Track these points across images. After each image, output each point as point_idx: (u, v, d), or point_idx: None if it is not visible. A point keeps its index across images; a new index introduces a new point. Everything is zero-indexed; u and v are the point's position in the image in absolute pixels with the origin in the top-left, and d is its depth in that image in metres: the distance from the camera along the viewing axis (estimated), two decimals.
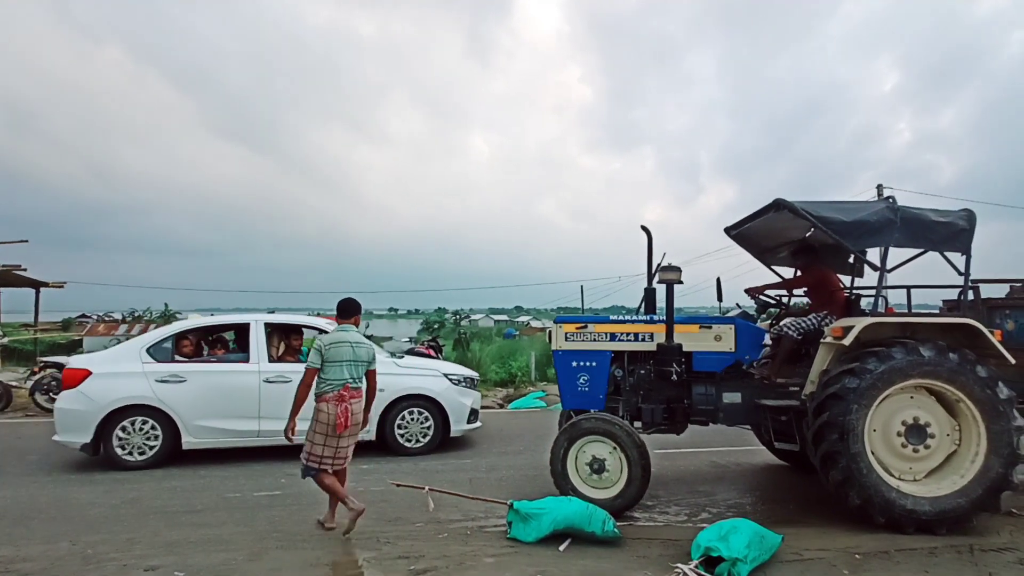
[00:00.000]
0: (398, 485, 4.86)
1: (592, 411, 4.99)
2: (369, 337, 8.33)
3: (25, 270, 14.01)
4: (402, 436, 6.99)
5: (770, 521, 4.43)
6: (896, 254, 4.95)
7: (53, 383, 10.33)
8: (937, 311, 6.52)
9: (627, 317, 5.44)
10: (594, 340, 5.24)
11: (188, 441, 6.39)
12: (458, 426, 7.21)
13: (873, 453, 4.41)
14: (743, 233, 5.86)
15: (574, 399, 5.23)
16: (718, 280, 5.78)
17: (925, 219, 4.78)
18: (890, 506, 4.29)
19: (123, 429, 6.26)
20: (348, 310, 4.58)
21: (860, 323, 4.53)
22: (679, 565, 3.67)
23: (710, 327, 5.20)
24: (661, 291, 5.40)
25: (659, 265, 5.31)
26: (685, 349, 5.12)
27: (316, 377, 4.31)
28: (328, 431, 4.26)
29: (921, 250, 5.09)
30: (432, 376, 7.28)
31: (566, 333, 5.27)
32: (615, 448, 4.65)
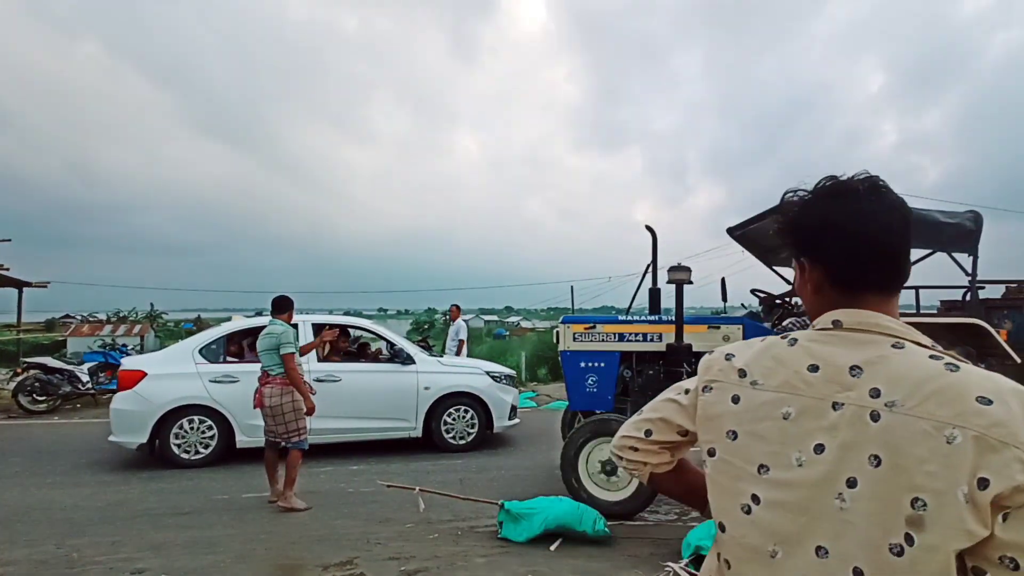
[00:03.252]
0: (388, 486, 4.84)
1: (620, 415, 4.87)
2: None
3: (8, 269, 13.78)
4: (448, 433, 7.06)
5: None
6: None
7: (36, 384, 10.19)
8: (935, 312, 6.61)
9: (637, 317, 5.40)
10: (602, 340, 5.20)
11: (241, 440, 6.44)
12: (500, 423, 7.29)
13: None
14: (746, 234, 5.86)
15: (582, 400, 5.20)
16: (723, 280, 5.78)
17: (933, 220, 4.78)
18: None
19: (180, 428, 6.30)
20: (278, 307, 5.18)
21: None
22: (670, 564, 3.68)
23: (718, 327, 5.19)
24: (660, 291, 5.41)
25: (647, 266, 5.31)
26: (694, 349, 5.10)
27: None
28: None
29: (929, 251, 5.11)
30: (475, 374, 7.37)
31: (574, 333, 5.22)
32: None
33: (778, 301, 6.05)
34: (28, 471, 6.22)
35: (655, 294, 5.47)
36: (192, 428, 6.33)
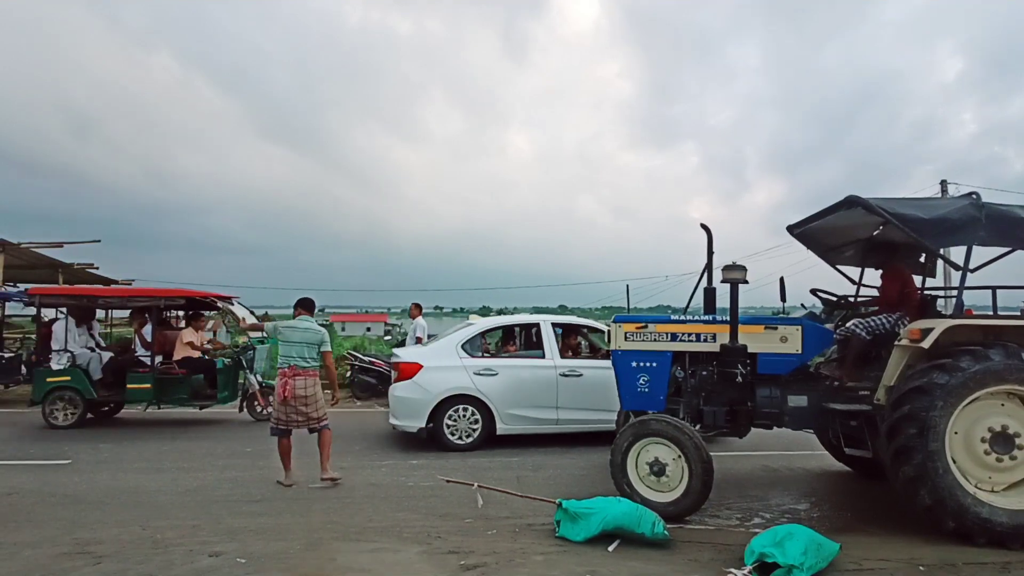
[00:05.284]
0: (448, 481, 4.94)
1: (660, 414, 4.83)
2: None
3: (97, 268, 14.80)
4: None
5: (827, 528, 4.30)
6: (978, 254, 4.71)
7: None
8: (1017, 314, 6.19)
9: (692, 317, 5.31)
10: (655, 340, 5.14)
11: (501, 428, 7.02)
12: None
13: (952, 457, 4.18)
14: (807, 231, 5.66)
15: (634, 400, 5.17)
16: (781, 280, 5.61)
17: (1013, 216, 4.52)
18: (963, 512, 4.06)
19: (456, 414, 6.95)
20: (309, 307, 5.77)
21: (941, 325, 4.28)
22: (732, 570, 3.60)
23: (776, 328, 5.04)
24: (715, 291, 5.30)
25: (705, 265, 5.20)
26: (750, 350, 4.98)
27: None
28: (277, 399, 5.45)
29: (1008, 249, 4.83)
30: None
31: (626, 333, 5.18)
32: (680, 456, 4.54)
33: (842, 302, 5.80)
34: (115, 457, 6.69)
35: (710, 293, 5.36)
36: (459, 416, 6.90)
